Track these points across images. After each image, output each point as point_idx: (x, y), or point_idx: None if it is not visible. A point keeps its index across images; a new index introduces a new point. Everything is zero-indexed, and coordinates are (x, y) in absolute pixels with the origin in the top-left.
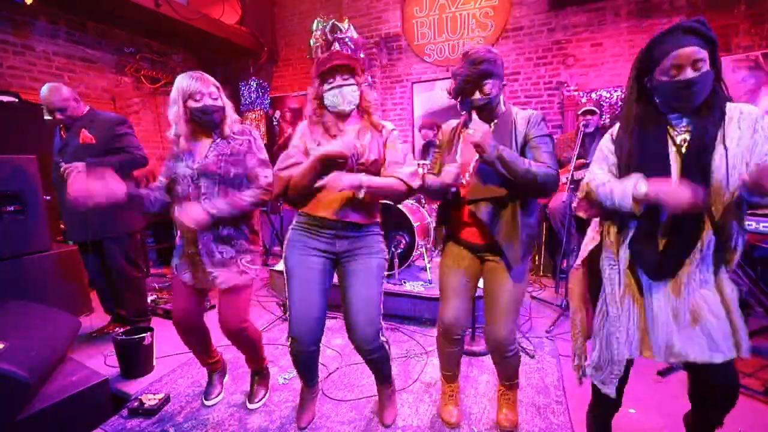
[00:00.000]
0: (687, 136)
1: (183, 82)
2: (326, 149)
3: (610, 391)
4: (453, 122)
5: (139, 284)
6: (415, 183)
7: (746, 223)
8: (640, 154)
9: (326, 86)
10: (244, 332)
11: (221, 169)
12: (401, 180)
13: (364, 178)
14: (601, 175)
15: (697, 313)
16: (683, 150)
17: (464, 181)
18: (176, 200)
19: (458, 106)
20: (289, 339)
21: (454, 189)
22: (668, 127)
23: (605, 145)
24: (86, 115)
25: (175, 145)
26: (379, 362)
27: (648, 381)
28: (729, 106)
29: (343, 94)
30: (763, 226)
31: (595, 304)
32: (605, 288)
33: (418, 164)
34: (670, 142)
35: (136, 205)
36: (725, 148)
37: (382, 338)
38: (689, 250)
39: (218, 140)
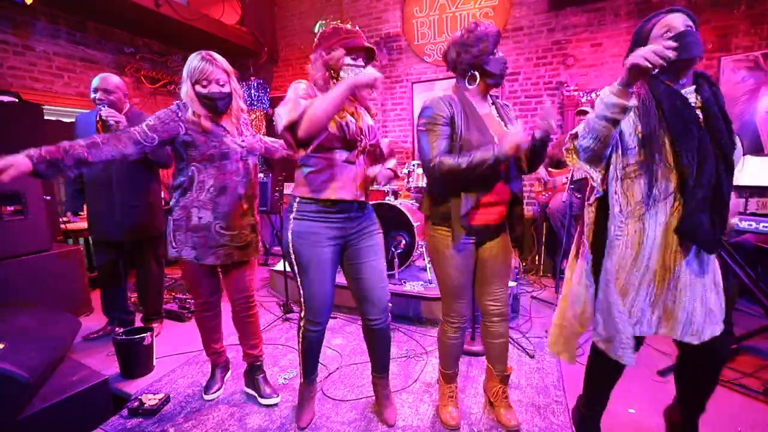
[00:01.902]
0: (698, 113)
1: (193, 62)
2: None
3: (628, 360)
4: (444, 97)
5: (162, 283)
6: (402, 175)
7: (746, 222)
8: (680, 122)
9: (349, 60)
10: (252, 301)
11: (259, 146)
12: (394, 173)
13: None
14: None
15: (707, 289)
16: (705, 123)
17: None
18: (219, 172)
19: (468, 81)
20: (306, 321)
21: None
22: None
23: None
24: (128, 113)
25: (196, 125)
26: (387, 333)
27: (648, 381)
28: None
29: None
30: (763, 226)
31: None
32: (612, 260)
33: (417, 164)
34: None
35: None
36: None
37: (390, 305)
38: (726, 219)
39: (239, 124)
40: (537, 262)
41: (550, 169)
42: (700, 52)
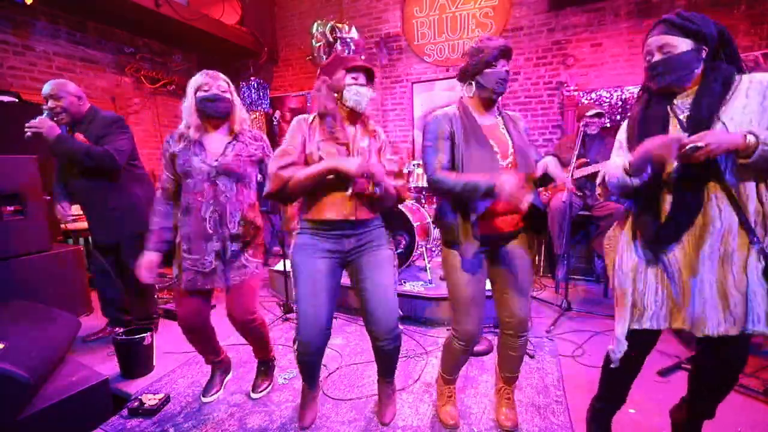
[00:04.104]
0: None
1: (195, 77)
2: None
3: (614, 358)
4: (447, 110)
5: (148, 287)
6: (406, 194)
7: None
8: (641, 135)
9: (350, 80)
10: (252, 324)
11: (241, 168)
12: (397, 191)
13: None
14: (616, 161)
15: (722, 286)
16: (685, 125)
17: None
18: (185, 193)
19: (466, 89)
20: (296, 343)
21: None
22: (671, 108)
23: (619, 135)
24: (87, 114)
25: (183, 137)
26: (394, 352)
27: (648, 381)
28: (743, 77)
29: (364, 95)
30: None
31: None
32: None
33: (417, 164)
34: (673, 122)
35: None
36: (723, 123)
37: (400, 326)
38: (689, 219)
39: (234, 141)
40: (537, 262)
41: None
42: (669, 81)
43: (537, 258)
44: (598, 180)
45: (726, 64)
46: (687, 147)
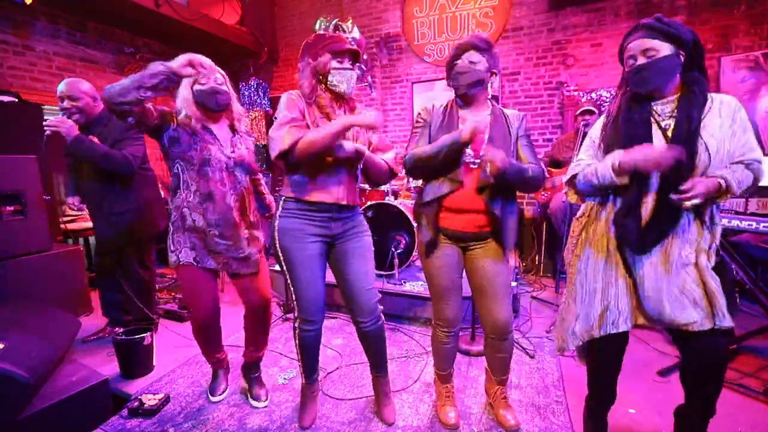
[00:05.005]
0: (671, 122)
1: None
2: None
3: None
4: (438, 103)
5: (149, 288)
6: (398, 168)
7: (746, 222)
8: (625, 137)
9: (336, 64)
10: (268, 308)
11: (253, 161)
12: (387, 163)
13: (362, 148)
14: (587, 160)
15: (684, 286)
16: (669, 134)
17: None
18: (202, 180)
19: (457, 87)
20: (300, 320)
21: (473, 160)
22: (653, 112)
23: (593, 133)
24: (101, 116)
25: (184, 127)
26: (379, 333)
27: (648, 381)
28: (713, 96)
29: (351, 78)
30: (764, 226)
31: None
32: (584, 263)
33: None
34: (655, 127)
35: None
36: (704, 142)
37: (381, 307)
38: (673, 224)
39: (237, 136)
40: (537, 262)
41: (549, 168)
42: (653, 84)
43: (537, 258)
44: (565, 178)
45: (702, 77)
46: (684, 198)
